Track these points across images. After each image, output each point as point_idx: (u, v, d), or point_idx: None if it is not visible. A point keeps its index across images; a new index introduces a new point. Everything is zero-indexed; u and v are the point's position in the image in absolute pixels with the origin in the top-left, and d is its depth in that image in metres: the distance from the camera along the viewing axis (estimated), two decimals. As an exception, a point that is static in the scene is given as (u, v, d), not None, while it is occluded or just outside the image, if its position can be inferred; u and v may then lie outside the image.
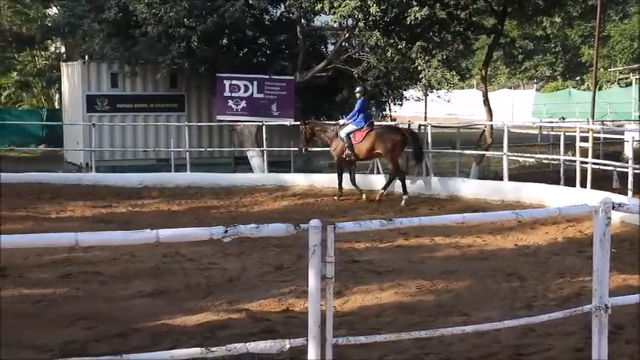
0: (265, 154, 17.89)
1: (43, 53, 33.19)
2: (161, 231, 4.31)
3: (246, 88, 20.02)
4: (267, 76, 20.01)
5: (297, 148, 17.35)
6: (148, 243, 4.26)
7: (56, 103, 32.25)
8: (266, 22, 20.82)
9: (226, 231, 4.33)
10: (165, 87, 21.13)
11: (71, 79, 21.90)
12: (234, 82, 19.98)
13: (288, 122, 19.23)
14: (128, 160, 20.44)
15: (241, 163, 20.48)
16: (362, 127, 15.19)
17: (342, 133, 15.32)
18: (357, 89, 16.06)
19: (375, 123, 16.88)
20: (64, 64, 24.23)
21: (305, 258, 8.33)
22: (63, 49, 31.39)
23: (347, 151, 15.14)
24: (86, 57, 21.72)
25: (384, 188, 15.26)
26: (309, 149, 16.70)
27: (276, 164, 19.18)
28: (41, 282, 8.12)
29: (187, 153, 17.77)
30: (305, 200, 15.29)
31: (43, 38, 30.88)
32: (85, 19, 20.70)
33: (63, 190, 15.97)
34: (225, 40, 20.21)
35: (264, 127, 18.03)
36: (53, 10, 30.35)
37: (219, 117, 20.17)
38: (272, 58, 20.92)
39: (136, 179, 17.09)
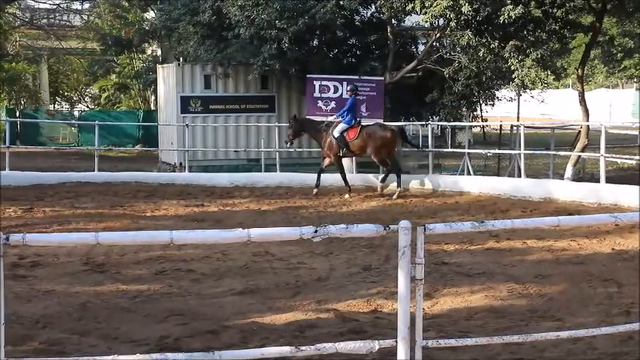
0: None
1: (140, 56, 34.22)
2: (252, 230, 4.37)
3: (336, 89, 20.07)
4: (356, 77, 20.01)
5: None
6: (240, 242, 4.32)
7: (152, 105, 33.20)
8: (356, 23, 20.84)
9: (316, 231, 4.36)
10: (257, 88, 21.45)
11: (166, 81, 22.49)
12: (324, 82, 20.07)
13: (378, 123, 19.21)
14: (220, 160, 20.84)
15: (331, 164, 20.57)
16: (353, 125, 15.84)
17: (336, 133, 15.78)
18: (349, 87, 16.73)
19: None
20: (159, 66, 24.91)
21: (393, 259, 8.32)
22: (159, 52, 32.27)
23: (343, 150, 15.78)
24: (181, 59, 22.27)
25: (383, 180, 15.96)
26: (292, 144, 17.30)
27: (365, 165, 19.16)
28: (137, 278, 8.36)
29: (277, 153, 17.97)
30: (393, 201, 15.22)
31: (140, 41, 31.85)
32: (181, 22, 21.22)
33: (158, 189, 16.41)
34: (315, 42, 20.35)
35: (353, 127, 18.03)
36: (150, 14, 31.24)
37: (308, 117, 20.31)
38: (362, 59, 20.92)
39: (227, 179, 17.41)
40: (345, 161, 18.43)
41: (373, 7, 20.58)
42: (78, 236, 4.57)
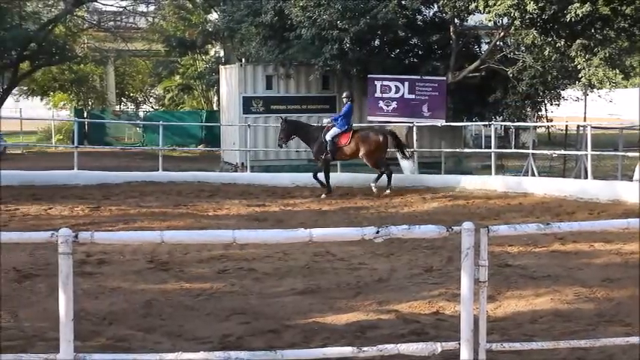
0: (416, 155, 17.78)
1: (203, 57, 34.69)
2: (314, 230, 4.38)
3: (397, 89, 20.00)
4: (418, 77, 19.90)
5: (448, 150, 17.20)
6: (301, 242, 4.34)
7: (214, 105, 33.62)
8: (418, 23, 20.73)
9: (378, 231, 4.35)
10: (318, 88, 21.52)
11: (229, 82, 22.74)
12: (385, 83, 20.02)
13: (439, 123, 19.05)
14: (281, 160, 20.97)
15: (391, 164, 20.48)
16: (345, 130, 15.96)
17: (328, 137, 15.86)
18: (345, 94, 16.78)
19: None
20: (222, 67, 25.22)
21: (456, 261, 8.23)
22: (222, 53, 32.67)
23: (328, 155, 15.91)
24: (243, 60, 22.50)
25: (388, 186, 15.89)
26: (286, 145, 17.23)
27: (427, 165, 19.03)
28: (200, 277, 8.46)
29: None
30: (455, 202, 15.06)
31: (204, 43, 32.29)
32: (243, 24, 21.44)
33: (220, 189, 16.59)
34: (377, 42, 20.32)
35: (414, 128, 17.93)
36: (214, 16, 31.65)
37: (370, 118, 20.27)
38: (424, 59, 20.79)
39: (288, 179, 17.51)
40: (408, 161, 18.34)
41: (435, 6, 20.45)
42: (143, 235, 4.65)
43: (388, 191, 15.78)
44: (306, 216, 13.38)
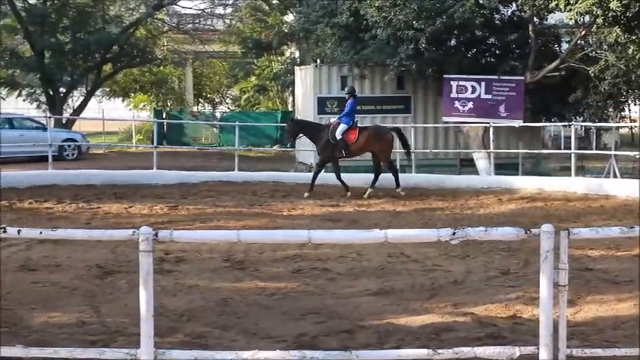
0: (492, 156, 17.52)
1: (279, 58, 35.00)
2: (390, 231, 4.37)
3: (474, 89, 19.74)
4: (495, 77, 19.60)
5: (525, 151, 16.88)
6: (376, 242, 4.33)
7: (290, 106, 33.87)
8: (496, 22, 20.42)
9: (454, 233, 4.30)
10: (393, 89, 21.44)
11: (304, 82, 22.88)
12: (461, 83, 19.80)
13: (517, 124, 18.72)
14: (355, 161, 20.93)
15: (467, 165, 20.25)
16: (351, 127, 15.81)
17: (338, 135, 15.68)
18: (346, 90, 16.66)
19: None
20: (297, 68, 25.39)
21: (533, 264, 8.07)
22: (297, 54, 32.89)
23: (342, 152, 15.80)
24: (318, 61, 22.60)
25: (372, 185, 15.78)
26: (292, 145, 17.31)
27: (503, 166, 18.72)
28: (275, 276, 8.53)
29: (413, 154, 17.86)
30: (533, 204, 14.75)
31: (279, 44, 32.59)
32: (319, 25, 21.54)
33: (294, 189, 16.69)
34: (453, 41, 20.11)
35: (491, 128, 17.67)
36: (289, 17, 31.90)
37: (445, 118, 20.08)
38: (501, 59, 20.47)
39: (362, 179, 17.46)
40: (484, 162, 18.09)
41: (514, 5, 20.11)
42: (221, 234, 4.73)
43: (399, 189, 15.73)
44: (379, 217, 13.34)
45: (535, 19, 19.24)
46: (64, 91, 30.64)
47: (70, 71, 29.74)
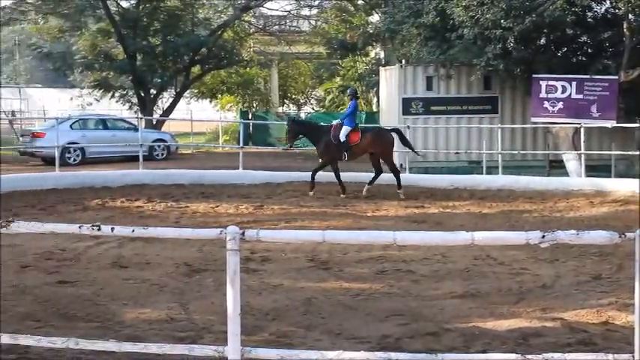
0: (583, 158, 17.03)
1: (363, 59, 34.99)
2: (476, 233, 4.29)
3: (564, 89, 19.24)
4: (587, 76, 19.05)
5: (618, 152, 16.34)
6: (462, 245, 4.26)
7: (374, 106, 33.82)
8: (588, 20, 19.82)
9: (544, 236, 4.20)
10: (479, 89, 21.13)
11: (389, 83, 22.80)
12: (550, 82, 19.33)
13: (610, 124, 18.14)
14: (440, 162, 20.77)
15: (556, 167, 19.75)
16: (354, 128, 15.68)
17: (342, 137, 15.50)
18: (348, 91, 16.55)
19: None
20: (382, 68, 25.31)
21: (627, 269, 7.80)
22: (382, 55, 32.81)
23: (345, 155, 15.65)
24: (403, 61, 22.47)
25: (397, 187, 15.66)
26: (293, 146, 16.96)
27: (595, 168, 18.16)
28: (359, 277, 8.53)
29: (499, 155, 17.55)
30: (627, 207, 14.24)
31: (364, 44, 32.57)
32: (404, 25, 21.40)
33: (380, 190, 16.65)
34: (542, 40, 19.64)
35: (582, 129, 17.17)
36: (375, 18, 31.85)
37: (533, 119, 19.64)
38: (593, 57, 19.87)
39: (447, 181, 17.28)
40: (574, 164, 17.60)
41: (607, 2, 19.47)
42: (306, 234, 4.74)
43: (401, 191, 15.65)
44: (465, 219, 13.15)
45: (630, 16, 18.57)
46: (155, 92, 31.47)
47: (160, 73, 30.53)
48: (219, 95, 39.51)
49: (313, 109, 43.48)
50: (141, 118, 22.22)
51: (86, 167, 14.97)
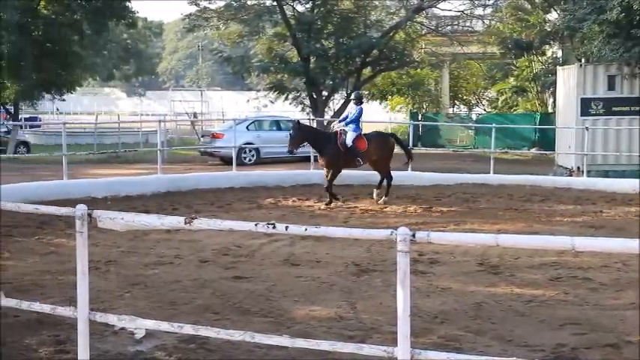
0: None
1: (539, 58, 33.85)
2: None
3: None
4: None
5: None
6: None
7: (549, 107, 32.62)
8: None
9: None
10: (667, 89, 19.82)
11: (566, 83, 21.89)
12: None
13: None
14: (622, 165, 19.67)
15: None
16: (359, 134, 14.87)
17: (349, 142, 14.57)
18: (354, 95, 15.24)
19: None
20: (560, 68, 24.36)
21: None
22: (559, 54, 31.57)
23: (359, 161, 14.80)
24: (582, 60, 21.50)
25: (385, 193, 14.89)
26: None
27: None
28: (531, 282, 8.25)
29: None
30: None
31: (541, 43, 31.54)
32: (585, 22, 20.48)
33: (553, 193, 16.08)
34: None
35: None
36: (553, 15, 30.72)
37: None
38: None
39: (630, 185, 16.33)
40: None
41: None
42: (478, 237, 4.64)
43: (386, 199, 14.79)
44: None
45: None
46: (326, 94, 32.11)
47: (332, 75, 31.10)
48: (389, 96, 39.67)
49: (485, 110, 42.61)
50: (313, 119, 22.74)
51: (260, 167, 15.50)
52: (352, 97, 15.98)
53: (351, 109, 15.26)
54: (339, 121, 15.93)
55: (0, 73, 27.57)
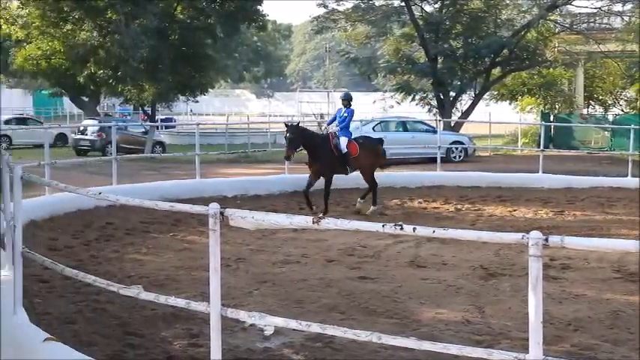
0: None
1: None
2: None
3: None
4: None
5: None
6: None
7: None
8: None
9: None
10: None
11: None
12: None
13: None
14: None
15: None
16: (350, 139, 13.95)
17: (343, 147, 13.72)
18: (343, 96, 14.52)
19: None
20: None
21: None
22: None
23: (348, 169, 13.94)
24: None
25: (372, 202, 14.01)
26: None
27: None
28: None
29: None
30: None
31: None
32: None
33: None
34: None
35: None
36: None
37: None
38: None
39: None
40: None
41: None
42: (617, 242, 4.41)
43: (374, 208, 13.96)
44: None
45: None
46: (454, 94, 31.67)
47: (460, 75, 30.65)
48: (520, 97, 38.66)
49: (622, 110, 40.71)
50: (439, 120, 22.49)
51: (386, 168, 15.48)
52: (341, 97, 14.74)
53: (341, 112, 14.05)
54: (329, 123, 15.29)
55: (140, 76, 28.80)
